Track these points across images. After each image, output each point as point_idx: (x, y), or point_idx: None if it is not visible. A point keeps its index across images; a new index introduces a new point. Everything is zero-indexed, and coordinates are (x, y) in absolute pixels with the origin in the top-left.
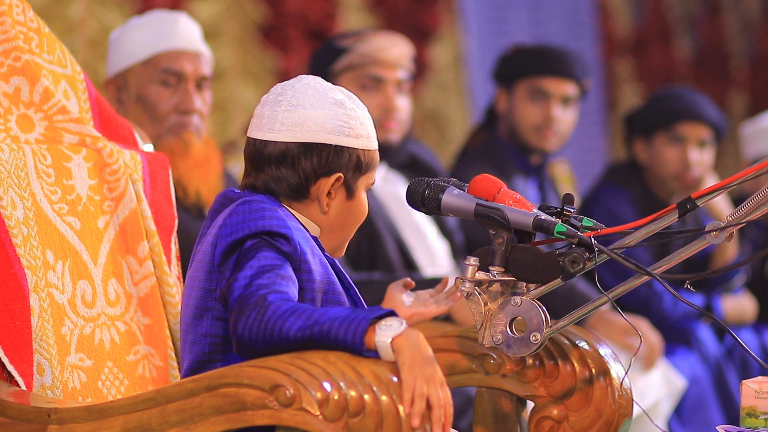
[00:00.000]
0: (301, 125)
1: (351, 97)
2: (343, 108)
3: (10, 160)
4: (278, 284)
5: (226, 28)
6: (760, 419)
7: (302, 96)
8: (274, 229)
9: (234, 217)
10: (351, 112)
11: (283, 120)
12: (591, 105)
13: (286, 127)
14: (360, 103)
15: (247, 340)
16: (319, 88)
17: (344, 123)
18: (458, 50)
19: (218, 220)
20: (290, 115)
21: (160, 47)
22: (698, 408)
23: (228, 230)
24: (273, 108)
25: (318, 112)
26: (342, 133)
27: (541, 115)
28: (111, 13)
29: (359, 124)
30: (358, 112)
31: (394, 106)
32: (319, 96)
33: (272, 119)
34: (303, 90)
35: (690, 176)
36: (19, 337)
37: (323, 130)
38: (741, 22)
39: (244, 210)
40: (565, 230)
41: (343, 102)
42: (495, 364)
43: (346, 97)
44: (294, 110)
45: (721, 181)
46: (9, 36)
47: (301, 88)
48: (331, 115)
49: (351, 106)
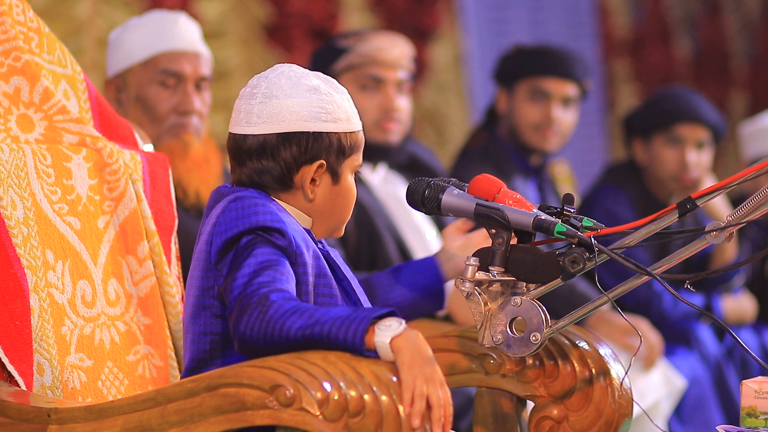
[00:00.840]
0: (277, 116)
1: (327, 81)
2: (317, 93)
3: (10, 160)
4: (279, 281)
5: (231, 27)
6: (760, 419)
7: (276, 86)
8: (268, 224)
9: (227, 214)
10: (326, 97)
11: (258, 112)
12: (590, 105)
13: (263, 120)
14: (338, 86)
15: (249, 338)
16: (292, 76)
17: (320, 108)
18: (458, 50)
19: (211, 217)
20: (265, 107)
21: (159, 48)
22: (698, 408)
23: (222, 228)
24: (249, 101)
25: (292, 101)
26: (319, 119)
27: (542, 115)
28: (119, 12)
29: (336, 108)
30: (335, 95)
31: (394, 107)
32: (293, 84)
33: (249, 112)
34: (276, 80)
35: (688, 177)
36: (19, 337)
37: (299, 118)
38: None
39: (237, 207)
40: (565, 230)
41: (317, 87)
42: (495, 364)
43: (322, 81)
44: (268, 101)
45: (721, 181)
46: (9, 36)
47: (275, 78)
48: (306, 102)
49: (326, 90)
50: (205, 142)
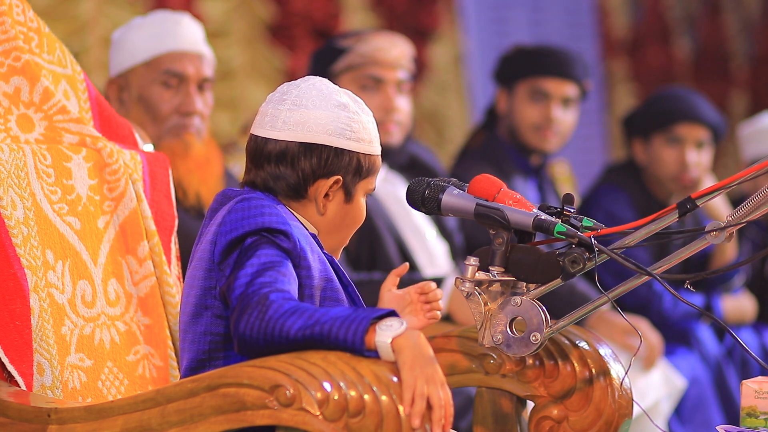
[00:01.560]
0: (303, 125)
1: (357, 101)
2: (346, 111)
3: (10, 160)
4: (280, 282)
5: (234, 27)
6: (760, 419)
7: (306, 96)
8: (274, 226)
9: (233, 214)
10: (354, 116)
11: (285, 119)
12: (589, 105)
13: (288, 126)
14: (365, 108)
15: (248, 338)
16: (324, 89)
17: (346, 126)
18: (457, 50)
19: (217, 217)
20: (293, 114)
21: (162, 48)
22: (698, 408)
23: (227, 227)
24: (276, 106)
25: (321, 113)
26: (343, 136)
27: (541, 115)
28: (123, 11)
29: (362, 128)
30: (362, 116)
31: (394, 107)
32: (324, 97)
33: (275, 117)
34: (308, 90)
35: (688, 177)
36: (19, 337)
37: (324, 131)
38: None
39: (243, 207)
40: (565, 230)
41: (346, 105)
42: (495, 364)
43: (351, 100)
44: (297, 110)
45: (721, 181)
46: (9, 36)
47: (306, 88)
48: (334, 117)
49: (355, 109)
50: (207, 143)
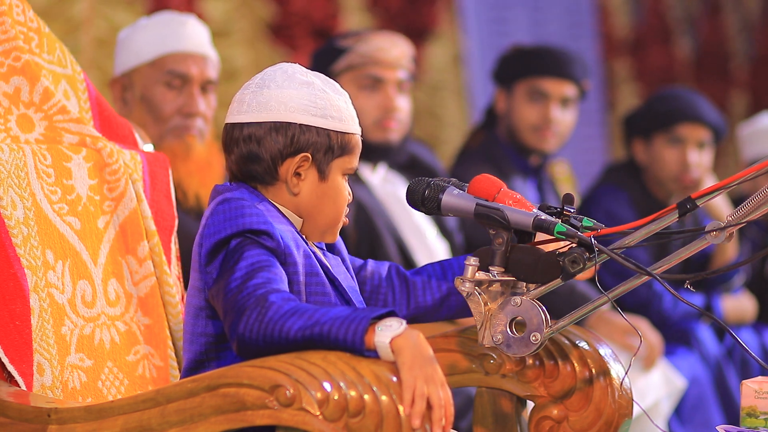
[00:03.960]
0: (265, 105)
1: (328, 81)
2: (310, 87)
3: (10, 160)
4: (274, 282)
5: (236, 27)
6: (760, 419)
7: (270, 78)
8: (255, 227)
9: (215, 216)
10: (320, 93)
11: (249, 101)
12: (590, 105)
13: (252, 108)
14: (338, 88)
15: (248, 340)
16: (289, 71)
17: (311, 102)
18: (456, 50)
19: (203, 219)
20: (256, 96)
21: (166, 49)
22: (698, 408)
23: (211, 230)
24: (243, 91)
25: (284, 92)
26: (308, 112)
27: (540, 115)
28: (119, 11)
29: (329, 105)
30: (330, 94)
31: (394, 106)
32: (288, 77)
33: (241, 101)
34: (272, 73)
35: (689, 177)
36: (19, 337)
37: (288, 109)
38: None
39: (224, 209)
40: (565, 230)
41: (311, 83)
42: (495, 364)
43: (320, 81)
44: (260, 91)
45: (721, 181)
46: (9, 36)
47: (271, 71)
48: (297, 95)
49: (321, 87)
50: (209, 145)
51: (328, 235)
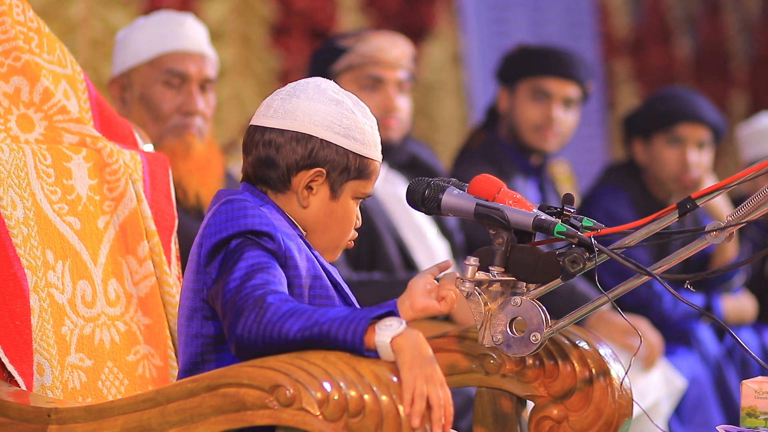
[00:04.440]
0: (292, 113)
1: (358, 104)
2: (339, 106)
3: (10, 160)
4: (272, 284)
5: (231, 27)
6: (760, 419)
7: (302, 88)
8: (257, 228)
9: (217, 216)
10: (347, 113)
11: (276, 107)
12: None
13: (279, 114)
14: (367, 112)
15: (247, 341)
16: (322, 85)
17: (336, 120)
18: (455, 50)
19: (204, 220)
20: (284, 104)
21: (165, 48)
22: (698, 408)
23: (212, 230)
24: (272, 97)
25: (312, 104)
26: (331, 129)
27: (542, 115)
28: (114, 12)
29: (354, 126)
30: (358, 116)
31: (394, 106)
32: (320, 92)
33: (268, 106)
34: (305, 84)
35: (689, 177)
36: (19, 337)
37: (312, 122)
38: (741, 22)
39: (227, 209)
40: (565, 230)
41: (342, 102)
42: (495, 364)
43: (351, 101)
44: (290, 99)
45: (721, 181)
46: (9, 36)
47: (305, 82)
48: (325, 110)
49: (350, 108)
50: (208, 144)
51: (327, 254)
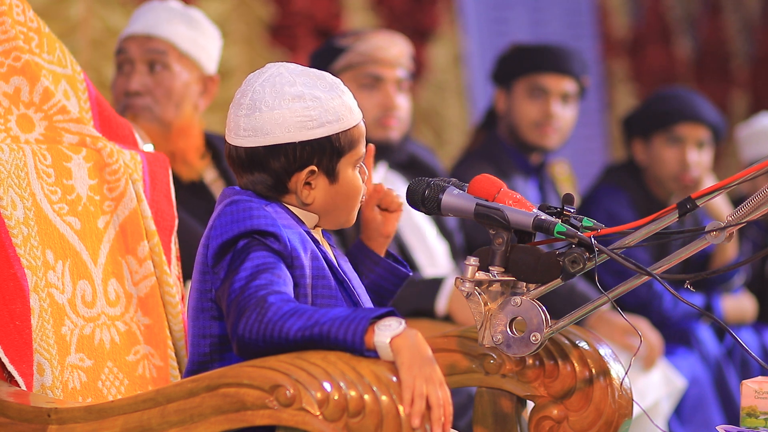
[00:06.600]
0: (261, 129)
1: (315, 83)
2: (301, 101)
3: (10, 160)
4: (276, 284)
5: (233, 27)
6: (760, 419)
7: (259, 97)
8: (263, 228)
9: (223, 217)
10: (311, 103)
11: (244, 126)
12: (589, 105)
13: (248, 133)
14: (325, 83)
15: (248, 340)
16: (277, 83)
17: (304, 117)
18: (457, 50)
19: (210, 221)
20: (249, 120)
21: (122, 36)
22: (698, 408)
23: (218, 231)
24: (236, 112)
25: (275, 113)
26: (304, 128)
27: (541, 111)
28: (114, 12)
29: (323, 111)
30: (322, 98)
31: (394, 105)
32: (276, 94)
33: (237, 125)
34: (261, 89)
35: (688, 177)
36: (19, 337)
37: (283, 130)
38: (741, 22)
39: (232, 210)
40: (565, 230)
41: (301, 95)
42: (495, 364)
43: (307, 86)
44: (252, 114)
45: (721, 181)
46: (9, 36)
47: (260, 87)
48: (290, 114)
49: (311, 95)
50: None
51: (346, 223)
